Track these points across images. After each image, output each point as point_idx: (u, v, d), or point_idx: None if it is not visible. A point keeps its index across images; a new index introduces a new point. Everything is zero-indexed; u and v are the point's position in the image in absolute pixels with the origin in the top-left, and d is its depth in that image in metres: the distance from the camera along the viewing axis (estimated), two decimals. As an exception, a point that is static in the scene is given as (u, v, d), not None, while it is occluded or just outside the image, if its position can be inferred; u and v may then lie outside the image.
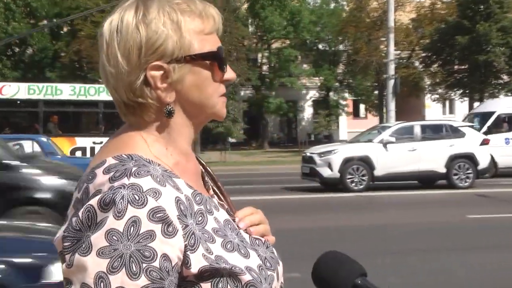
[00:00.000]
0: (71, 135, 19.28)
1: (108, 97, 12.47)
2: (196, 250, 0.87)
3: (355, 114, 41.84)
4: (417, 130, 15.96)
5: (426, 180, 15.93)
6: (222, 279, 0.89)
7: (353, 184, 15.23)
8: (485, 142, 15.87)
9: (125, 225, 0.81)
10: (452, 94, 32.63)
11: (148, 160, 0.92)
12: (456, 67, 32.06)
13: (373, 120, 33.65)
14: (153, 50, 0.92)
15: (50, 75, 33.91)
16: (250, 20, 37.45)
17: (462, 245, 8.40)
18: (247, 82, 35.24)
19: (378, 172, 15.07)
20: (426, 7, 33.99)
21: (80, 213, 0.84)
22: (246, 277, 0.90)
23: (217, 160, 24.99)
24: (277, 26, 35.34)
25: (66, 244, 0.85)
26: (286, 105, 37.51)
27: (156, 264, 0.82)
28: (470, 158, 15.38)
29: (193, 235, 0.88)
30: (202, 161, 1.12)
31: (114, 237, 0.81)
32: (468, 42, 28.67)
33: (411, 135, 15.92)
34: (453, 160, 15.25)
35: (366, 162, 15.00)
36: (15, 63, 35.05)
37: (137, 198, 0.83)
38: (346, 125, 41.33)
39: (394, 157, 15.09)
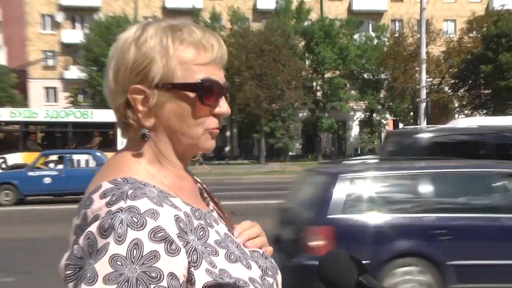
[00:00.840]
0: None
1: (76, 119, 18.42)
2: (200, 266, 0.85)
3: None
4: None
5: None
6: None
7: None
8: None
9: (127, 249, 0.78)
10: (477, 115, 34.02)
11: (143, 183, 0.89)
12: (480, 91, 34.21)
13: (410, 137, 37.05)
14: (137, 72, 0.90)
15: None
16: (306, 55, 39.77)
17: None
18: (304, 106, 38.54)
19: None
20: (455, 41, 36.54)
21: (80, 241, 0.81)
22: None
23: (278, 170, 26.77)
24: (329, 60, 38.09)
25: (68, 272, 0.82)
26: (337, 124, 40.31)
27: (164, 284, 0.79)
28: None
29: (195, 251, 0.85)
30: (198, 180, 1.10)
31: (118, 262, 0.77)
32: (491, 70, 31.27)
33: None
34: None
35: None
36: None
37: (136, 220, 0.80)
38: None
39: None
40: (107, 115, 19.87)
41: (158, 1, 44.11)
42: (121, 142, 19.10)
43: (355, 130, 43.56)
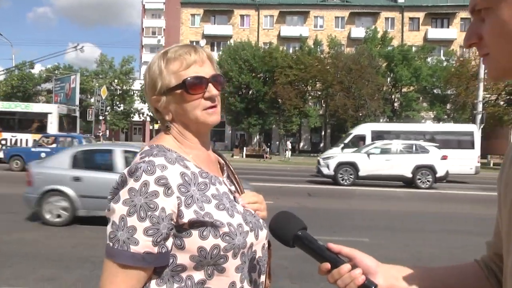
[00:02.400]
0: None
1: (22, 109, 26.43)
2: (191, 207, 1.11)
3: None
4: (394, 146, 18.28)
5: (397, 181, 17.96)
6: (206, 228, 1.10)
7: (343, 181, 17.53)
8: (444, 158, 17.57)
9: (139, 186, 1.06)
10: None
11: (168, 149, 1.20)
12: None
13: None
14: (151, 87, 1.23)
15: (261, 106, 44.01)
16: (387, 73, 44.90)
17: (422, 226, 9.36)
18: (383, 114, 44.00)
19: (361, 173, 17.54)
20: None
21: (118, 178, 1.11)
22: (224, 229, 1.11)
23: None
24: (405, 78, 43.40)
25: (109, 197, 1.11)
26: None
27: (157, 213, 1.06)
28: (430, 168, 17.42)
29: (191, 197, 1.12)
30: (223, 158, 1.41)
31: (132, 193, 1.06)
32: None
33: (389, 149, 18.19)
34: (417, 168, 17.41)
35: (353, 166, 17.60)
36: (241, 99, 45.01)
37: (149, 169, 1.08)
38: None
39: (374, 163, 17.51)
40: (42, 108, 25.78)
41: (275, 30, 54.25)
42: (55, 127, 24.34)
43: None
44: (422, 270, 1.09)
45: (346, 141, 23.04)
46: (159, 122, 1.31)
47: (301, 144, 51.79)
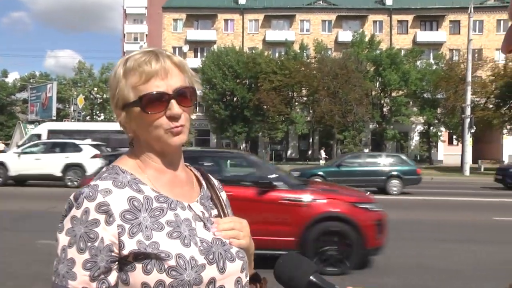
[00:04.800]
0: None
1: None
2: (135, 236, 1.03)
3: (450, 142, 48.26)
4: (45, 146, 19.26)
5: (47, 180, 18.09)
6: (151, 261, 1.02)
7: None
8: (96, 156, 17.43)
9: (81, 213, 1.02)
10: None
11: (123, 170, 1.13)
12: None
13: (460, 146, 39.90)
14: (112, 99, 1.14)
15: (246, 113, 44.22)
16: (375, 78, 45.10)
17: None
18: (373, 119, 44.24)
19: (12, 173, 18.01)
20: (500, 67, 39.77)
21: (65, 204, 1.06)
22: (170, 262, 1.02)
23: None
24: (393, 82, 43.36)
25: (59, 225, 1.06)
26: (399, 135, 45.39)
27: (96, 244, 1.00)
28: (80, 166, 17.86)
29: (138, 225, 1.04)
30: (210, 180, 1.32)
31: (74, 221, 1.02)
32: None
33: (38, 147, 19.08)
34: (68, 167, 17.90)
35: (3, 165, 18.02)
36: (226, 106, 45.15)
37: (90, 194, 1.03)
38: (443, 150, 49.32)
39: (24, 163, 18.04)
40: None
41: (260, 35, 53.76)
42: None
43: (415, 140, 48.63)
44: None
45: (24, 140, 24.10)
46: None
47: (289, 152, 50.78)
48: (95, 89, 51.38)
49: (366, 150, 45.85)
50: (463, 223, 10.95)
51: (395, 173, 17.97)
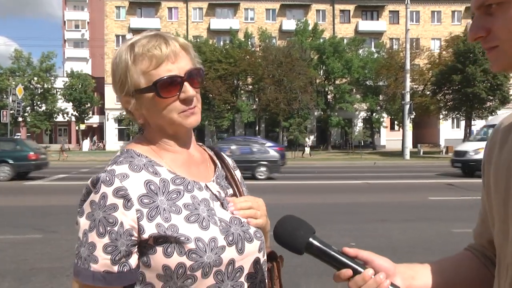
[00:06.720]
0: None
1: None
2: (154, 220, 1.04)
3: (391, 127, 50.67)
4: None
5: None
6: (171, 244, 1.03)
7: None
8: None
9: (99, 198, 1.03)
10: (451, 115, 39.62)
11: (138, 154, 1.13)
12: (453, 96, 37.98)
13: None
14: (121, 86, 1.12)
15: None
16: (319, 66, 46.55)
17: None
18: (317, 106, 45.32)
19: None
20: (436, 56, 42.27)
21: (83, 189, 1.07)
22: (190, 245, 1.03)
23: (289, 157, 29.34)
24: (337, 70, 44.69)
25: (78, 209, 1.07)
26: (343, 121, 46.69)
27: (115, 228, 1.01)
28: None
29: (156, 208, 1.05)
30: (224, 158, 1.32)
31: (93, 206, 1.03)
32: (461, 79, 35.13)
33: None
34: None
35: None
36: None
37: (108, 179, 1.03)
38: (385, 135, 51.10)
39: None
40: None
41: (204, 23, 53.29)
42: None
43: (358, 126, 50.38)
44: (434, 266, 1.10)
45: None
46: (132, 122, 0.99)
47: (236, 140, 50.32)
48: (35, 78, 49.12)
49: (312, 137, 47.67)
50: (402, 204, 11.48)
51: None
